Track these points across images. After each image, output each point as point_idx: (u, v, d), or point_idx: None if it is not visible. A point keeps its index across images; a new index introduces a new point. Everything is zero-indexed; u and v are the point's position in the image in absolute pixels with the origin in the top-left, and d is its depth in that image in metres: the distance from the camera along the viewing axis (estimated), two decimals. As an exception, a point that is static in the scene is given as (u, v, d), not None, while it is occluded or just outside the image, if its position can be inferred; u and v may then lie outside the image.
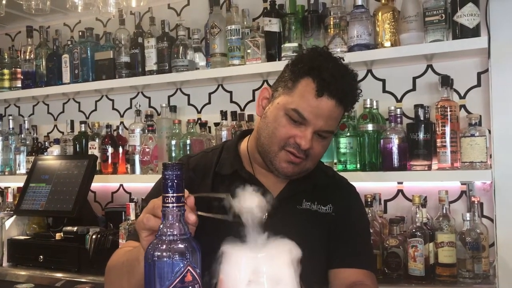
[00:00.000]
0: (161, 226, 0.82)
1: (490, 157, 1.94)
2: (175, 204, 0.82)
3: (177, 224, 0.82)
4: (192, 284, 0.79)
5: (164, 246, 0.81)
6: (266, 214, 1.22)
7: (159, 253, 0.80)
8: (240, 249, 0.83)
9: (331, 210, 1.39)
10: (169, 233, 0.81)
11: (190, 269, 0.80)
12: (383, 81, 2.34)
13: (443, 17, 2.00)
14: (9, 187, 2.84)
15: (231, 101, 2.68)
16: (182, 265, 0.80)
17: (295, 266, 0.85)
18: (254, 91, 2.61)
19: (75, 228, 2.35)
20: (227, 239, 0.88)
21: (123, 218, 2.37)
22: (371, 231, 1.97)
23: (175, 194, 0.81)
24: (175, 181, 0.82)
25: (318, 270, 1.34)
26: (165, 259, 0.80)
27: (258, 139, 1.35)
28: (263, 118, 1.34)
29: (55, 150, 2.85)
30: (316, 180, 1.41)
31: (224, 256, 0.82)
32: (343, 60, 1.33)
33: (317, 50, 1.35)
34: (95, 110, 3.08)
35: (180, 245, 0.81)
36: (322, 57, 1.29)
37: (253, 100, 2.59)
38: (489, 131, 1.98)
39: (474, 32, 1.96)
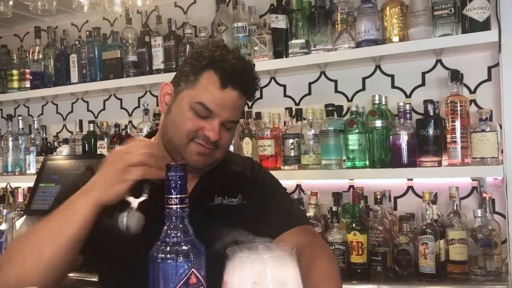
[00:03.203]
0: (165, 228, 0.81)
1: (502, 152, 1.92)
2: (178, 206, 0.81)
3: (181, 225, 0.81)
4: (196, 286, 0.79)
5: (168, 248, 0.80)
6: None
7: (163, 255, 0.79)
8: (244, 251, 0.82)
9: (241, 200, 1.40)
10: (173, 234, 0.81)
11: (195, 271, 0.79)
12: (392, 76, 2.32)
13: (452, 11, 1.97)
14: (19, 187, 2.87)
15: (239, 99, 2.66)
16: (186, 267, 0.79)
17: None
18: (261, 88, 2.60)
19: (84, 228, 2.35)
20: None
21: (132, 217, 2.36)
22: (380, 227, 1.97)
23: (178, 196, 0.81)
24: (178, 182, 0.81)
25: None
26: (169, 261, 0.79)
27: (165, 136, 1.34)
28: (168, 114, 1.34)
29: (64, 150, 2.86)
30: (226, 171, 1.42)
31: (228, 258, 0.81)
32: (239, 51, 1.37)
33: (214, 42, 1.37)
34: (104, 109, 3.09)
35: (184, 247, 0.80)
36: (220, 50, 1.31)
37: (261, 97, 2.57)
38: (500, 126, 1.95)
39: (484, 26, 1.93)
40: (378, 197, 2.01)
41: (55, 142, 3.05)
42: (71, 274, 2.27)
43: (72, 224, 1.06)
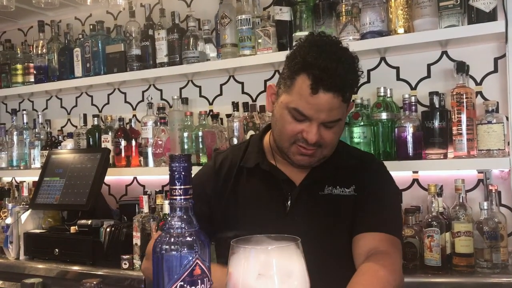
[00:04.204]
0: (169, 219, 0.81)
1: (508, 144, 1.90)
2: (182, 197, 0.80)
3: (185, 216, 0.80)
4: (201, 277, 0.78)
5: (172, 239, 0.79)
6: (289, 202, 1.35)
7: (167, 246, 0.79)
8: (249, 242, 0.82)
9: (353, 191, 1.40)
10: (177, 226, 0.80)
11: (199, 262, 0.78)
12: (397, 68, 2.30)
13: (458, 1, 1.95)
14: (24, 181, 2.87)
15: (243, 92, 2.66)
16: (191, 258, 0.78)
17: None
18: (265, 81, 2.59)
19: (89, 221, 2.35)
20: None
21: (137, 210, 2.37)
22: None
23: (182, 187, 0.80)
24: (182, 173, 0.80)
25: (341, 253, 1.35)
26: (173, 252, 0.78)
27: (273, 135, 1.42)
28: (272, 116, 1.41)
29: (69, 144, 2.87)
30: (339, 163, 1.42)
31: (233, 250, 0.81)
32: (340, 44, 1.33)
33: (311, 40, 1.35)
34: (108, 103, 3.09)
35: (188, 238, 0.79)
36: (315, 49, 1.29)
37: (265, 90, 2.56)
38: (507, 118, 1.93)
39: (491, 16, 1.91)
40: (383, 189, 2.00)
41: (60, 136, 3.06)
42: (76, 268, 2.28)
43: None
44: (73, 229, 2.40)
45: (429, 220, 1.88)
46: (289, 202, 1.37)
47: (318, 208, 1.37)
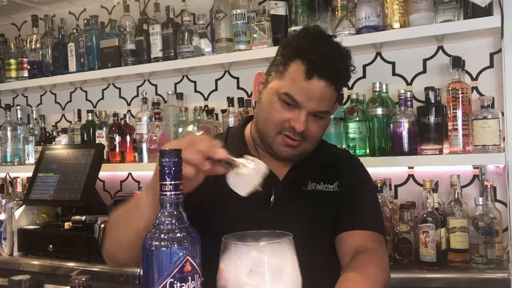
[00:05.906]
0: (159, 215, 0.80)
1: (503, 140, 1.89)
2: (173, 192, 0.79)
3: (175, 212, 0.79)
4: (191, 274, 0.77)
5: (162, 235, 0.78)
6: (273, 197, 1.30)
7: (157, 243, 0.78)
8: (240, 238, 0.81)
9: (337, 188, 1.39)
10: (167, 221, 0.79)
11: (189, 258, 0.77)
12: (393, 63, 2.29)
13: (454, -4, 1.94)
14: (18, 177, 2.85)
15: (238, 87, 2.64)
16: (181, 255, 0.77)
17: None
18: (261, 76, 2.57)
19: (83, 217, 2.34)
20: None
21: (131, 206, 2.35)
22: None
23: (172, 182, 0.79)
24: (173, 168, 0.79)
25: (325, 250, 1.35)
26: (163, 248, 0.77)
27: (256, 125, 1.37)
28: (259, 104, 1.37)
29: (63, 139, 2.84)
30: (320, 159, 1.41)
31: (225, 245, 0.80)
32: (335, 38, 1.34)
33: (307, 30, 1.36)
34: (102, 98, 3.07)
35: (178, 234, 0.78)
36: (311, 38, 1.29)
37: (260, 85, 2.56)
38: (502, 113, 1.93)
39: (487, 11, 1.90)
40: (379, 185, 2.00)
41: (54, 132, 3.03)
42: (70, 264, 2.27)
43: (138, 215, 1.10)
44: (67, 225, 2.38)
45: (425, 215, 1.88)
46: (272, 197, 1.34)
47: (302, 204, 1.35)
